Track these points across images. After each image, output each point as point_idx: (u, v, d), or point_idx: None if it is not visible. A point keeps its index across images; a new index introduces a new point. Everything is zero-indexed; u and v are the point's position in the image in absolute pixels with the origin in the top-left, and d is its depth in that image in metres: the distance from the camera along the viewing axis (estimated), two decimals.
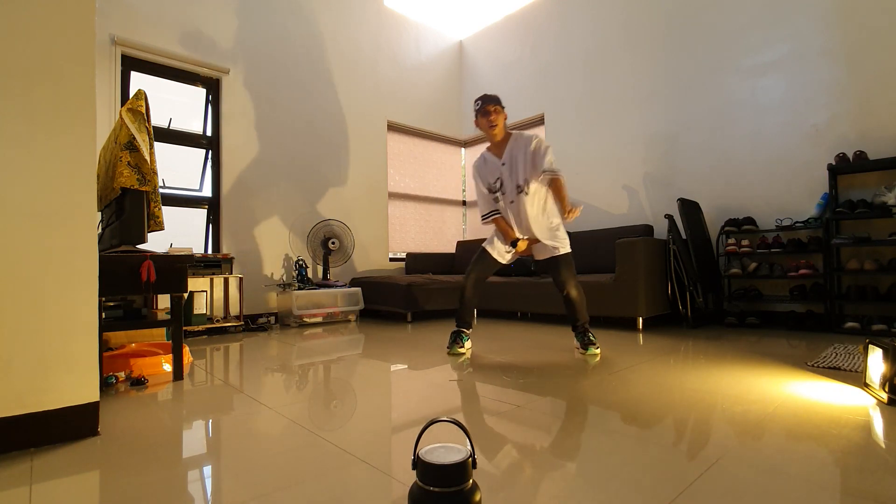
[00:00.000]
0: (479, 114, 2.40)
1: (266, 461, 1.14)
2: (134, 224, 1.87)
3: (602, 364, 2.15)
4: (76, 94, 1.36)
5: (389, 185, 5.15)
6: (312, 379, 2.04)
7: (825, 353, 2.25)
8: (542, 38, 4.99)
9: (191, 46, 3.76)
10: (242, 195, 4.00)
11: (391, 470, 1.08)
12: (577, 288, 2.41)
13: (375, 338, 3.18)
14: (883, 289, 2.88)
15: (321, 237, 4.26)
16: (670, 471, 1.03)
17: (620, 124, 4.31)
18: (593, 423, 1.37)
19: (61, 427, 1.30)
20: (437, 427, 1.34)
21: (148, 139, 1.95)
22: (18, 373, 1.25)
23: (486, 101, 2.38)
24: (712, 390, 1.67)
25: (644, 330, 3.14)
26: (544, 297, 3.64)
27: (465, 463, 0.73)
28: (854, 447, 1.13)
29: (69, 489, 1.03)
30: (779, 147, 3.38)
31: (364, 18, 4.97)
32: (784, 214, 3.32)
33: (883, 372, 1.49)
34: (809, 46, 3.26)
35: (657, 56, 4.06)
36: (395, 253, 5.20)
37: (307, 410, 1.55)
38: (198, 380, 2.05)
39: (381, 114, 5.07)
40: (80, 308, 1.35)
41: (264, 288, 4.08)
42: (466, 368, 2.14)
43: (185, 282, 2.08)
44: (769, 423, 1.31)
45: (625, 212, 4.25)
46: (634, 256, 3.16)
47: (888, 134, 2.95)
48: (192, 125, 3.90)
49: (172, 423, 1.46)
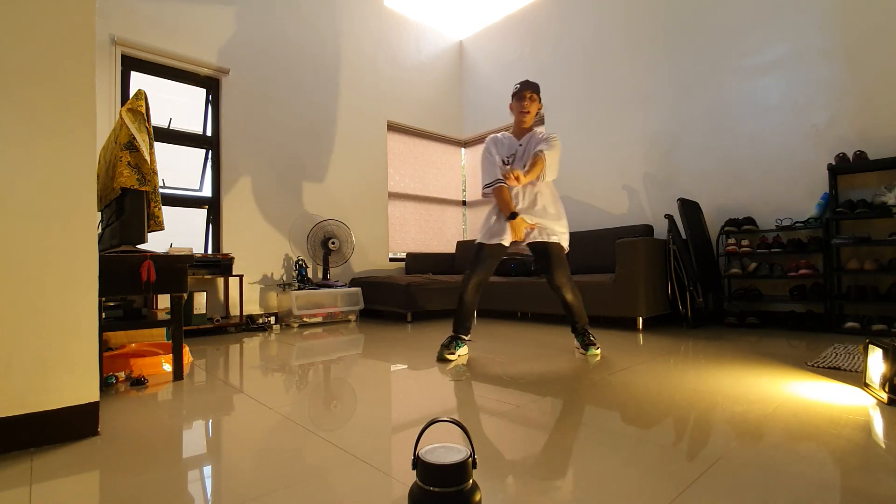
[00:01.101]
0: (515, 97, 2.39)
1: (266, 461, 1.14)
2: (134, 224, 1.87)
3: (602, 364, 2.15)
4: (76, 94, 1.36)
5: (389, 185, 5.15)
6: (312, 379, 2.04)
7: (825, 353, 2.25)
8: (542, 38, 4.99)
9: (191, 46, 3.76)
10: (242, 195, 4.00)
11: (391, 470, 1.08)
12: (573, 291, 2.36)
13: (375, 338, 3.18)
14: (883, 289, 2.88)
15: (321, 237, 4.26)
16: (670, 471, 1.03)
17: (620, 124, 4.30)
18: (593, 423, 1.37)
19: (61, 427, 1.30)
20: (437, 427, 1.34)
21: (148, 139, 1.95)
22: (18, 373, 1.25)
23: (525, 86, 2.37)
24: (712, 390, 1.67)
25: (644, 330, 3.14)
26: (544, 297, 3.63)
27: (465, 463, 0.73)
28: (854, 447, 1.13)
29: (69, 489, 1.03)
30: (779, 147, 3.38)
31: (364, 18, 4.97)
32: (784, 214, 3.32)
33: (883, 372, 1.49)
34: (809, 46, 3.25)
35: (657, 56, 4.06)
36: (395, 253, 5.20)
37: (307, 410, 1.55)
38: (198, 380, 2.05)
39: (381, 114, 5.07)
40: (80, 308, 1.35)
41: (264, 288, 4.08)
42: (466, 370, 2.14)
43: (185, 282, 2.08)
44: (769, 423, 1.31)
45: (625, 212, 4.25)
46: (634, 256, 3.16)
47: (888, 134, 2.95)
48: (192, 125, 3.90)
49: (172, 423, 1.46)
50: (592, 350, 2.32)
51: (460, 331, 2.39)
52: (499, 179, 2.33)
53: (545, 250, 2.33)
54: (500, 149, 2.43)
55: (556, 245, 2.33)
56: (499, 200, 2.34)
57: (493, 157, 2.40)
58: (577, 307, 2.38)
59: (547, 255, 2.33)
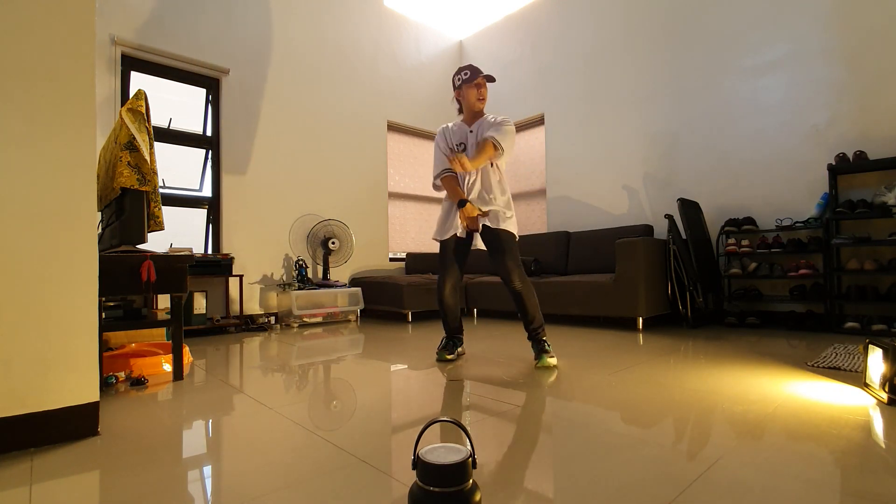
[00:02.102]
0: (470, 84, 2.28)
1: (266, 461, 1.14)
2: (134, 224, 1.87)
3: (602, 364, 2.15)
4: (76, 94, 1.36)
5: (389, 185, 5.15)
6: (312, 379, 2.04)
7: (825, 353, 2.25)
8: (542, 38, 4.99)
9: (191, 46, 3.76)
10: (242, 195, 4.00)
11: (391, 470, 1.08)
12: (523, 281, 2.21)
13: (375, 338, 3.18)
14: (883, 289, 2.88)
15: (321, 237, 4.26)
16: (670, 471, 1.03)
17: (620, 124, 4.31)
18: (593, 423, 1.37)
19: (61, 427, 1.30)
20: (437, 427, 1.34)
21: (148, 139, 1.95)
22: (19, 373, 1.25)
23: (478, 72, 2.29)
24: (712, 390, 1.67)
25: (644, 330, 3.14)
26: (544, 296, 3.64)
27: (465, 463, 0.73)
28: (854, 447, 1.13)
29: (69, 489, 1.03)
30: (779, 147, 3.38)
31: (364, 18, 4.97)
32: (784, 214, 3.32)
33: (883, 372, 1.49)
34: (809, 46, 3.26)
35: (657, 56, 4.06)
36: (395, 253, 5.20)
37: (307, 410, 1.55)
38: (198, 380, 2.05)
39: (381, 114, 5.07)
40: (81, 308, 1.35)
41: (264, 288, 4.09)
42: (466, 371, 2.14)
43: (185, 282, 2.08)
44: (769, 423, 1.31)
45: (625, 212, 4.25)
46: (634, 256, 3.16)
47: (888, 134, 2.95)
48: (192, 125, 3.90)
49: (172, 423, 1.46)
50: (546, 359, 2.11)
51: (453, 332, 2.38)
52: (447, 169, 2.27)
53: (496, 237, 2.22)
54: (451, 137, 2.35)
55: (505, 232, 2.22)
56: (448, 189, 2.28)
57: (442, 148, 2.33)
58: (529, 301, 2.21)
59: (498, 242, 2.22)
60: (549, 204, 4.84)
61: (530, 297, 2.22)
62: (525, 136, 5.19)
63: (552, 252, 4.29)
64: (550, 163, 4.86)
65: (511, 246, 2.22)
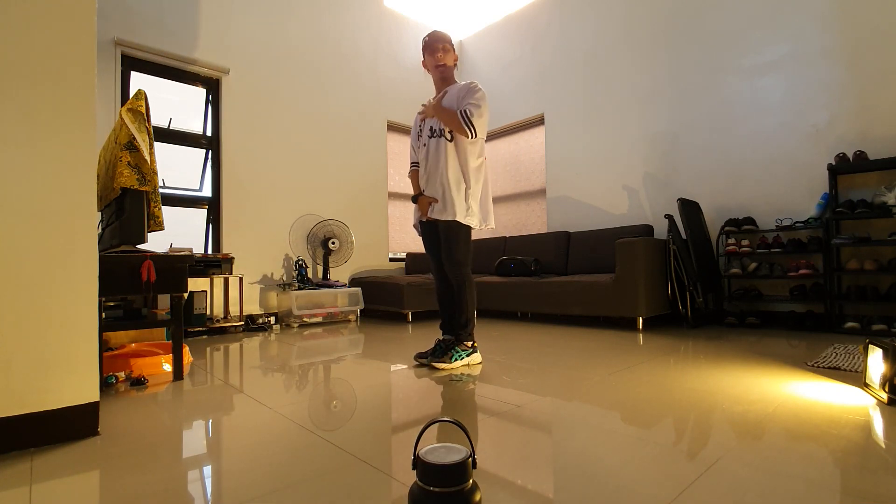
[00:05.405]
0: (426, 51, 2.13)
1: (266, 461, 1.14)
2: (134, 224, 1.87)
3: (602, 364, 2.15)
4: (76, 95, 1.36)
5: (389, 185, 5.15)
6: (312, 379, 2.04)
7: (825, 353, 2.25)
8: (542, 38, 4.99)
9: (191, 46, 3.76)
10: (242, 195, 4.00)
11: (391, 470, 1.08)
12: (456, 277, 2.11)
13: (375, 338, 3.18)
14: (883, 289, 2.88)
15: (321, 237, 4.26)
16: (670, 471, 1.03)
17: (620, 124, 4.30)
18: (593, 423, 1.37)
19: (61, 427, 1.30)
20: (437, 427, 1.34)
21: (148, 139, 1.95)
22: (18, 373, 1.25)
23: (436, 37, 2.09)
24: (712, 390, 1.67)
25: (644, 330, 3.14)
26: (544, 297, 3.64)
27: (465, 463, 0.73)
28: (854, 447, 1.13)
29: (69, 489, 1.03)
30: (779, 147, 3.38)
31: (364, 18, 4.97)
32: (784, 214, 3.32)
33: (883, 372, 1.49)
34: (809, 46, 3.26)
35: (657, 56, 4.06)
36: (395, 253, 5.20)
37: (307, 410, 1.55)
38: (198, 380, 2.05)
39: (381, 114, 5.07)
40: (81, 308, 1.35)
41: (264, 288, 4.08)
42: (468, 375, 2.14)
43: (185, 282, 2.08)
44: (769, 423, 1.31)
45: (625, 212, 4.25)
46: (634, 256, 3.16)
47: (888, 134, 2.95)
48: (192, 125, 3.90)
49: (172, 423, 1.46)
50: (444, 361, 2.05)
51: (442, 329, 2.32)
52: (413, 163, 2.30)
53: (438, 229, 2.17)
54: (417, 119, 2.30)
55: (444, 223, 2.13)
56: (412, 183, 2.33)
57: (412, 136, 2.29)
58: (460, 296, 2.12)
59: (437, 234, 2.18)
60: (549, 204, 4.84)
61: (461, 293, 2.13)
62: (525, 136, 5.19)
63: (552, 252, 4.29)
64: (550, 163, 4.86)
65: (448, 237, 2.12)
